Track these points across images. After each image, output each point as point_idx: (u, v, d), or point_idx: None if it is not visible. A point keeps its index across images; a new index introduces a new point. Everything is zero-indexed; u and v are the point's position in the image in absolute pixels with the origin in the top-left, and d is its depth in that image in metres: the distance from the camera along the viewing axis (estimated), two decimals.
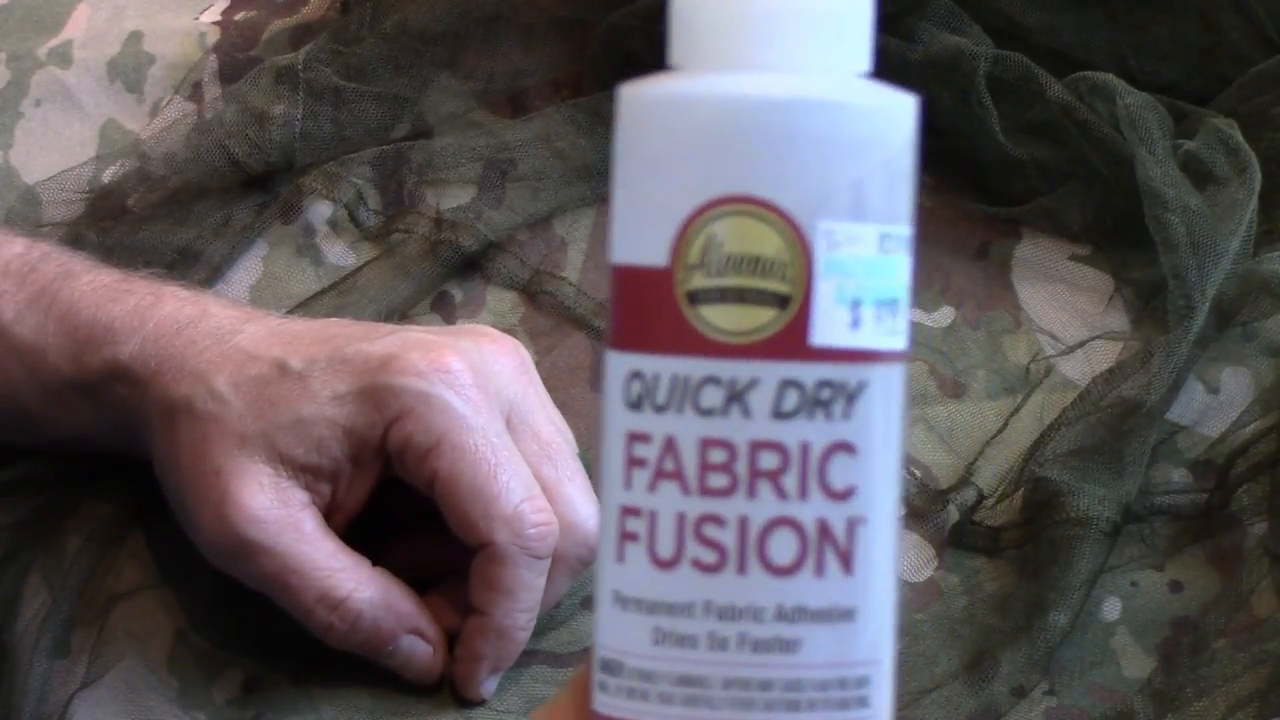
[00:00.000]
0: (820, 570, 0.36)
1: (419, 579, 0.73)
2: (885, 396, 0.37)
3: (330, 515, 0.70)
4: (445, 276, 0.86)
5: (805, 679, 0.36)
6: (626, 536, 0.36)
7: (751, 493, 0.35)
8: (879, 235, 0.36)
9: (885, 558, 0.37)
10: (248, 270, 0.86)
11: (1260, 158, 0.83)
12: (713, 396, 0.35)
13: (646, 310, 0.35)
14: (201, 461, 0.69)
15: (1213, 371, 0.81)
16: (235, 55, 0.95)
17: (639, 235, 0.35)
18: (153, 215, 0.86)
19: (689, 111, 0.35)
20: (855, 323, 0.36)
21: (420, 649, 0.71)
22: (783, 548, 0.35)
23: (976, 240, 0.88)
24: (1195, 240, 0.81)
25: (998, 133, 0.87)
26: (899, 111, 0.37)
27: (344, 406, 0.69)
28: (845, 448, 0.36)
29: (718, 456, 0.35)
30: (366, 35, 0.93)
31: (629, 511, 0.36)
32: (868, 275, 0.35)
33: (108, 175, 0.88)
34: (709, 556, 0.35)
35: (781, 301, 0.35)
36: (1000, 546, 0.78)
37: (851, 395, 0.36)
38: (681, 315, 0.35)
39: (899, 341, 0.37)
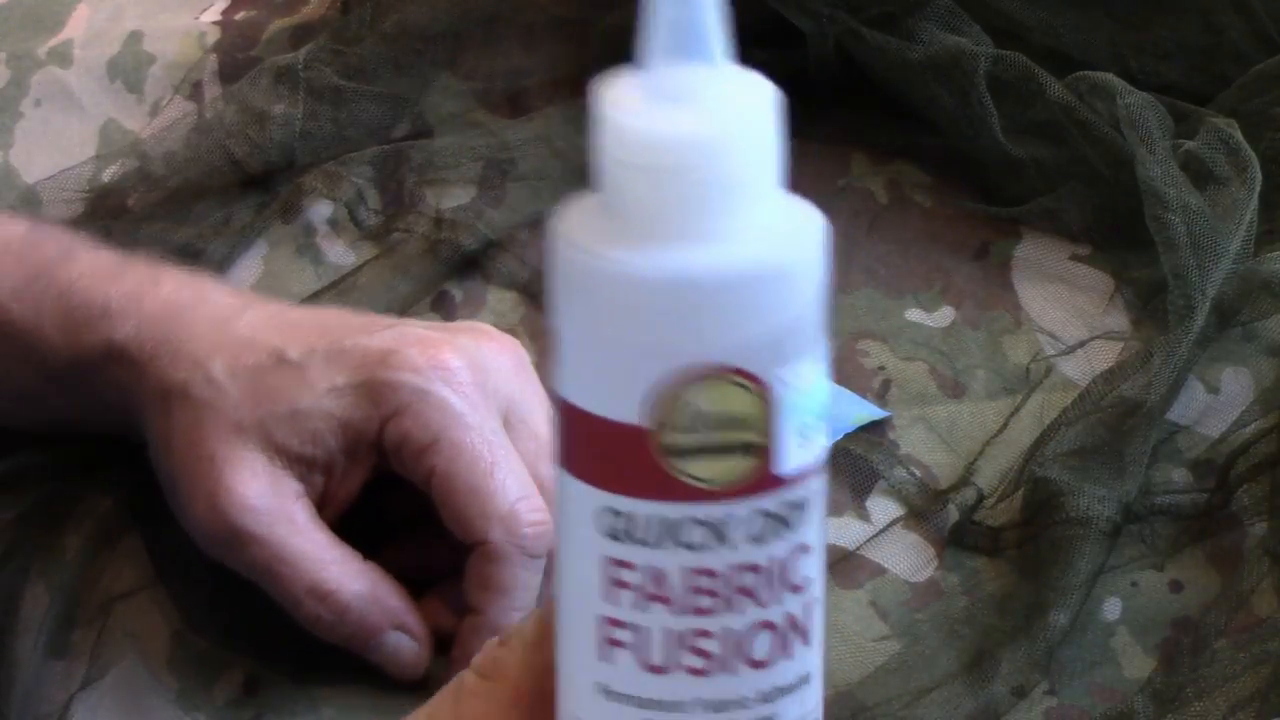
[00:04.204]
0: (789, 652, 0.40)
1: (416, 579, 0.73)
2: (822, 492, 0.40)
3: (322, 507, 0.70)
4: (445, 276, 0.86)
5: None
6: (612, 642, 0.40)
7: (734, 607, 0.39)
8: (814, 363, 0.39)
9: (824, 619, 0.42)
10: (248, 270, 0.86)
11: (1261, 157, 0.83)
12: (696, 534, 0.38)
13: (623, 460, 0.38)
14: (196, 448, 0.68)
15: (1213, 371, 0.81)
16: (235, 55, 0.95)
17: (609, 392, 0.38)
18: (153, 215, 0.86)
19: (643, 288, 0.37)
20: (803, 444, 0.39)
21: (406, 645, 0.71)
22: (762, 645, 0.40)
23: (976, 240, 0.88)
24: (1195, 240, 0.81)
25: (998, 133, 0.87)
26: (815, 238, 0.39)
27: (341, 400, 0.69)
28: (803, 549, 0.40)
29: (704, 582, 0.39)
30: (366, 35, 0.93)
31: (614, 623, 0.39)
32: (809, 400, 0.39)
33: (108, 175, 0.88)
34: (699, 663, 0.39)
35: (752, 448, 0.38)
36: (1000, 546, 0.77)
37: (804, 505, 0.40)
38: (662, 468, 0.38)
39: (825, 441, 0.41)
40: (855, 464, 0.80)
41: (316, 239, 0.87)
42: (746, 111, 0.38)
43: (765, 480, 0.39)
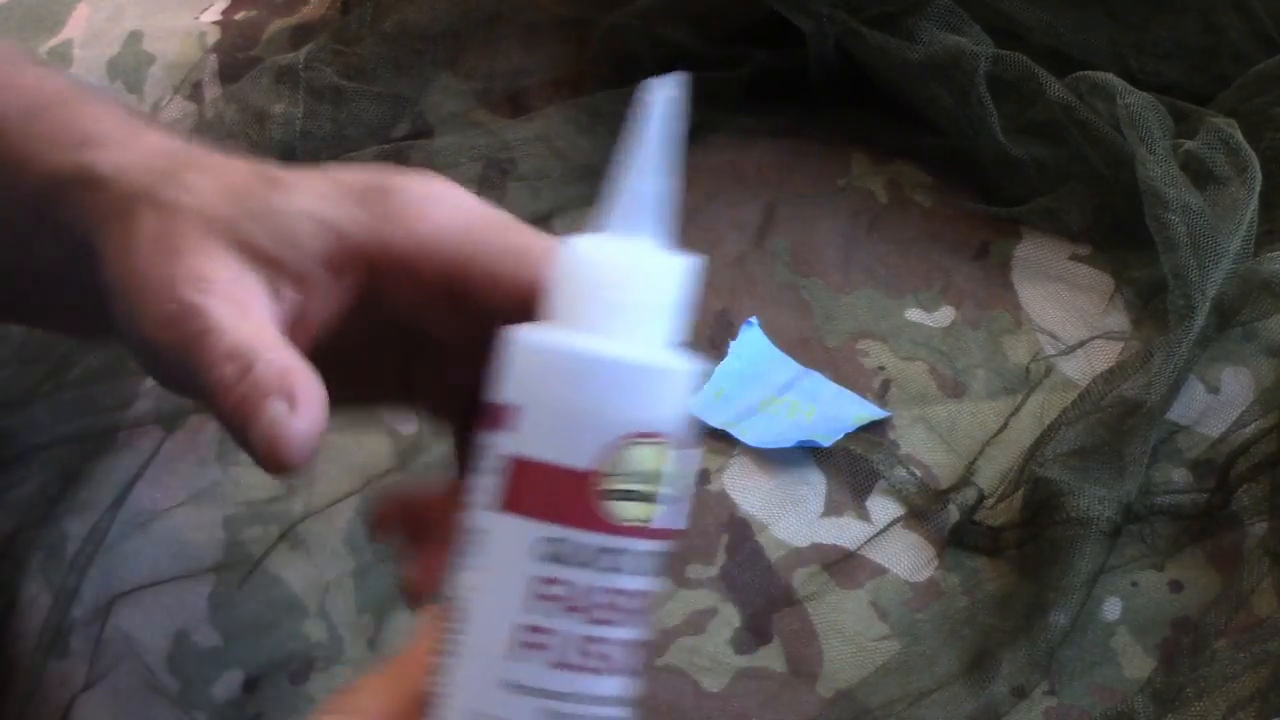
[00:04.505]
0: (639, 671, 0.52)
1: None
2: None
3: (292, 328, 0.60)
4: None
5: None
6: (530, 645, 0.50)
7: (626, 622, 0.51)
8: (685, 454, 0.51)
9: None
10: None
11: (1260, 157, 0.83)
12: (612, 560, 0.50)
13: (568, 496, 0.50)
14: (159, 244, 0.59)
15: (1213, 371, 0.81)
16: (235, 55, 0.95)
17: (566, 444, 0.50)
18: None
19: (611, 367, 0.50)
20: (673, 515, 0.51)
21: (287, 422, 0.57)
22: (632, 658, 0.51)
23: (976, 240, 0.88)
24: (1195, 240, 0.81)
25: (998, 133, 0.87)
26: (696, 371, 0.52)
27: (325, 201, 0.60)
28: (655, 594, 0.51)
29: (611, 599, 0.51)
30: (366, 35, 0.93)
31: (535, 629, 0.50)
32: (679, 484, 0.51)
33: None
34: (597, 664, 0.51)
35: (654, 501, 0.51)
36: (1000, 546, 0.78)
37: (663, 558, 0.52)
38: (598, 505, 0.50)
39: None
40: (855, 464, 0.80)
41: None
42: (670, 269, 0.52)
43: (658, 529, 0.51)
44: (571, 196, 0.89)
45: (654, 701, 0.73)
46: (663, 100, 0.51)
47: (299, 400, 0.57)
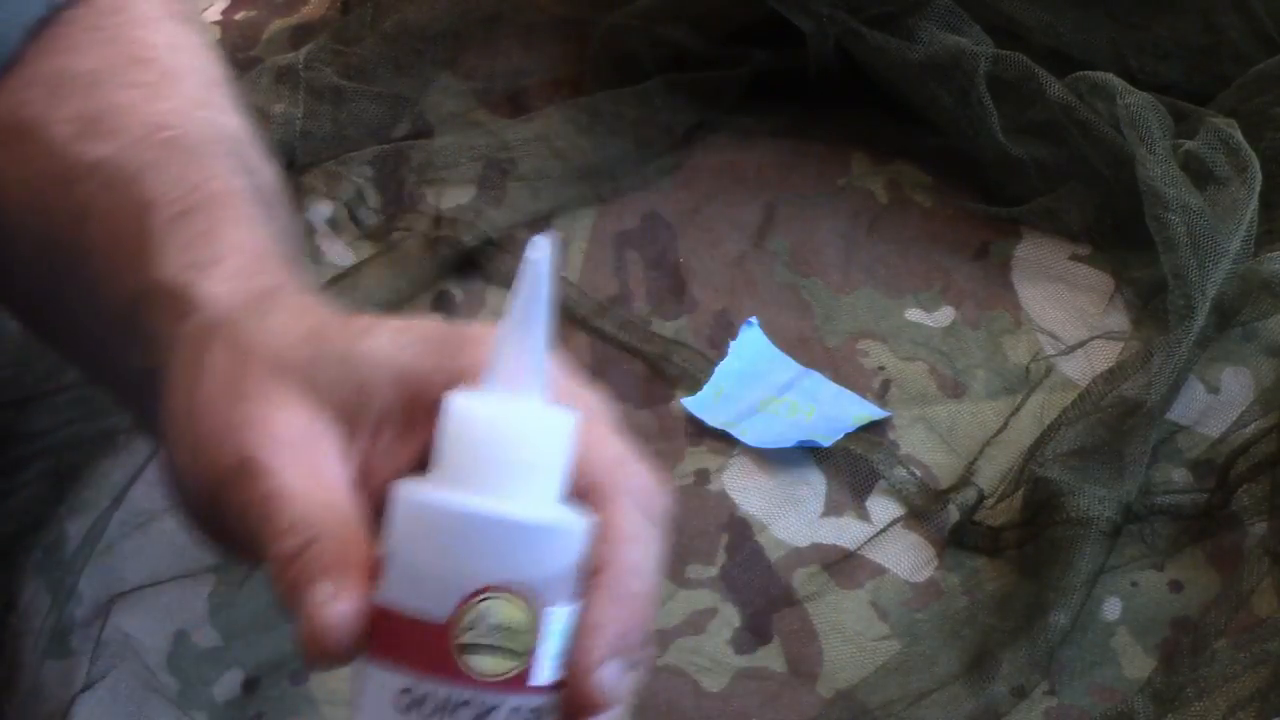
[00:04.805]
0: None
1: None
2: (553, 711, 0.53)
3: (359, 480, 0.58)
4: (445, 274, 0.86)
5: None
6: None
7: None
8: (570, 609, 0.52)
9: None
10: None
11: (1261, 157, 0.83)
12: (466, 714, 0.51)
13: (425, 648, 0.51)
14: (226, 386, 0.58)
15: (1213, 371, 0.81)
16: (235, 55, 0.95)
17: (424, 596, 0.51)
18: None
19: (469, 522, 0.51)
20: (553, 668, 0.52)
21: (328, 607, 0.54)
22: None
23: (976, 240, 0.88)
24: (1195, 240, 0.81)
25: (998, 133, 0.87)
26: (584, 526, 0.53)
27: (404, 348, 0.58)
28: None
29: None
30: (366, 35, 0.93)
31: None
32: (561, 639, 0.52)
33: None
34: None
35: (520, 656, 0.51)
36: (1000, 546, 0.78)
37: (544, 712, 0.52)
38: (453, 658, 0.51)
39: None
40: (855, 464, 0.80)
41: (316, 238, 0.87)
42: (551, 426, 0.53)
43: (522, 684, 0.51)
44: (571, 196, 0.89)
45: (654, 701, 0.73)
46: (541, 260, 0.53)
47: (346, 584, 0.55)
